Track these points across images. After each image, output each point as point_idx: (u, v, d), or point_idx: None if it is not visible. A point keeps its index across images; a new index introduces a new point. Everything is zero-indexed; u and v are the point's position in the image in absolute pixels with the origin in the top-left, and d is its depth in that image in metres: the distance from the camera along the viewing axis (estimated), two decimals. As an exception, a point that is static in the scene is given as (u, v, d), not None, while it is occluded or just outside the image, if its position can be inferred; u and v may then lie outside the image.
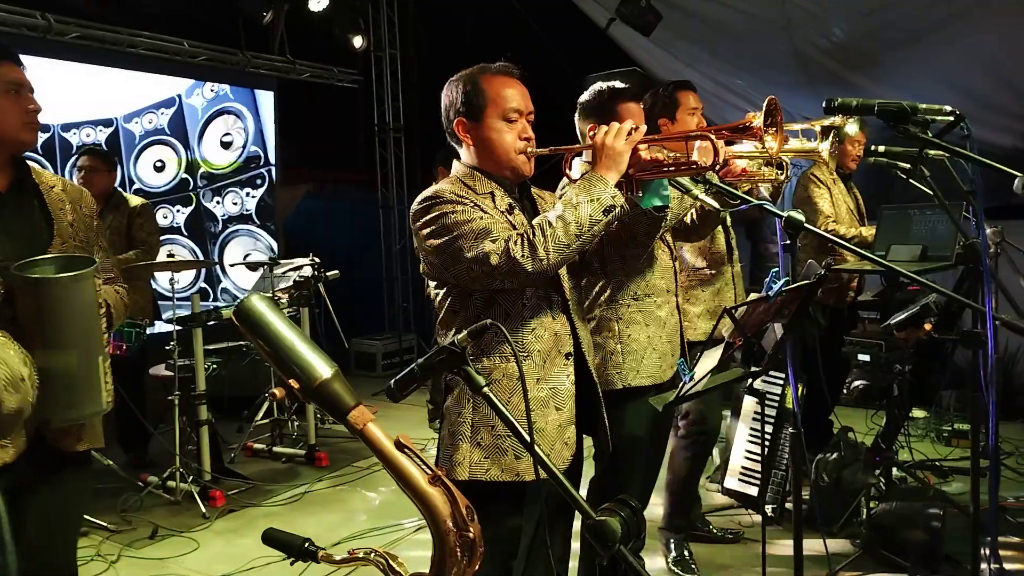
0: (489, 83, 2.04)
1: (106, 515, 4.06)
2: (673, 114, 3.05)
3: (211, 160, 6.68)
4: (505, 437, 1.99)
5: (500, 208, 2.02)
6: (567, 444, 2.07)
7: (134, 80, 6.15)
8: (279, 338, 0.97)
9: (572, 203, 1.89)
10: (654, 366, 2.70)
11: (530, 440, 1.25)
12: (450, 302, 2.06)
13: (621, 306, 2.69)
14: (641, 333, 2.68)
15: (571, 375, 2.07)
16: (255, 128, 6.91)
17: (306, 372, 0.96)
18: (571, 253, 1.91)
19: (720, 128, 2.01)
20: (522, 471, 1.99)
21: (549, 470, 1.27)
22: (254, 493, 4.49)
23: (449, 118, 2.09)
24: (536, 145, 2.08)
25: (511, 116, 2.03)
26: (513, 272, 1.87)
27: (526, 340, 2.01)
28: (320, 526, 4.05)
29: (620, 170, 1.94)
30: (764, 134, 1.90)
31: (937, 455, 4.58)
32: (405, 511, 4.09)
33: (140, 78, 6.17)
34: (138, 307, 4.80)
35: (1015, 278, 3.39)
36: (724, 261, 3.28)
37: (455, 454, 2.01)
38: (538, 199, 2.20)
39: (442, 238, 1.94)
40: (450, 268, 1.97)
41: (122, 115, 6.12)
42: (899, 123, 1.73)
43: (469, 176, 2.07)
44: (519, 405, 1.98)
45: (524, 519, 2.07)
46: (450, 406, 2.06)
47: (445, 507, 0.94)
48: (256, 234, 7.01)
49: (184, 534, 3.94)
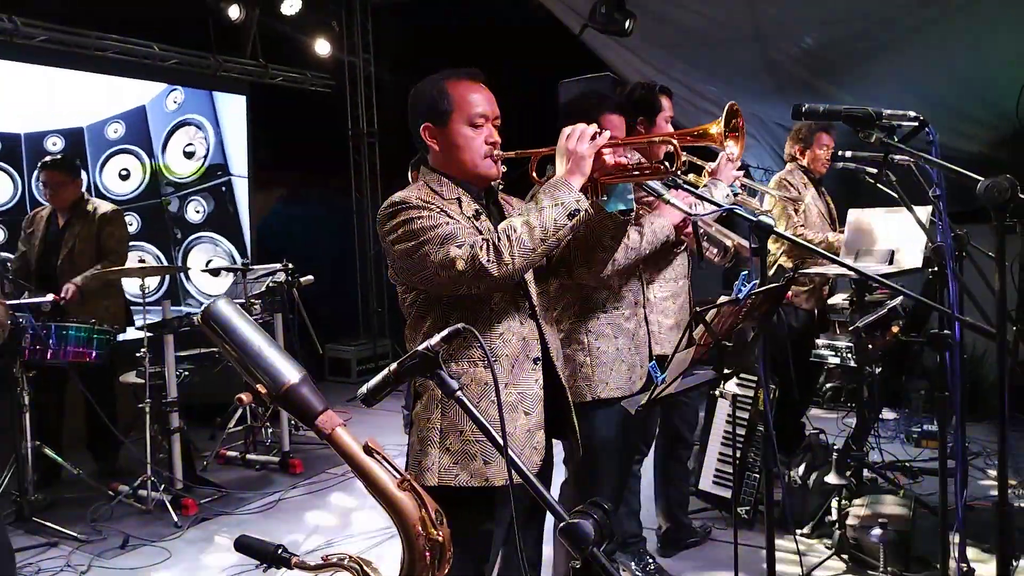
0: (454, 88, 2.05)
1: (76, 525, 4.00)
2: (653, 117, 3.06)
3: (175, 168, 6.69)
4: (474, 442, 1.99)
5: (467, 213, 2.03)
6: (536, 449, 2.08)
7: (99, 89, 6.10)
8: (246, 343, 0.97)
9: (537, 207, 1.90)
10: (623, 378, 2.71)
11: (503, 444, 1.25)
12: (418, 307, 2.06)
13: (590, 319, 2.70)
14: (610, 345, 2.69)
15: (539, 379, 2.08)
16: (215, 139, 6.94)
17: (273, 377, 0.96)
18: (536, 257, 1.92)
19: (683, 132, 2.03)
20: (491, 476, 1.99)
21: (522, 473, 1.27)
22: (227, 501, 4.44)
23: (416, 122, 2.09)
24: (507, 149, 2.09)
25: (477, 121, 2.04)
26: (479, 277, 1.88)
27: (494, 344, 2.02)
28: (294, 533, 4.02)
29: (585, 174, 1.95)
30: (725, 139, 1.92)
31: (907, 456, 4.65)
32: (380, 517, 4.07)
33: (105, 87, 6.13)
34: (111, 313, 4.75)
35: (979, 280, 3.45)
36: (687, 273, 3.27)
37: (424, 460, 2.00)
38: (505, 205, 2.21)
39: (408, 243, 1.95)
40: (416, 273, 1.97)
41: (87, 124, 6.08)
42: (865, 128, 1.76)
43: (436, 181, 2.07)
44: (488, 410, 1.98)
45: (495, 524, 2.07)
46: (419, 412, 2.06)
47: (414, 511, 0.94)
48: (217, 240, 7.04)
49: (156, 543, 3.89)
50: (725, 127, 1.91)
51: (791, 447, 4.03)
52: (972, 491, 4.01)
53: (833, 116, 1.80)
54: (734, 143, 1.92)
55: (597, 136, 1.96)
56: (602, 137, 1.96)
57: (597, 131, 1.97)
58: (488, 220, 2.07)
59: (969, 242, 3.13)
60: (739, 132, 1.93)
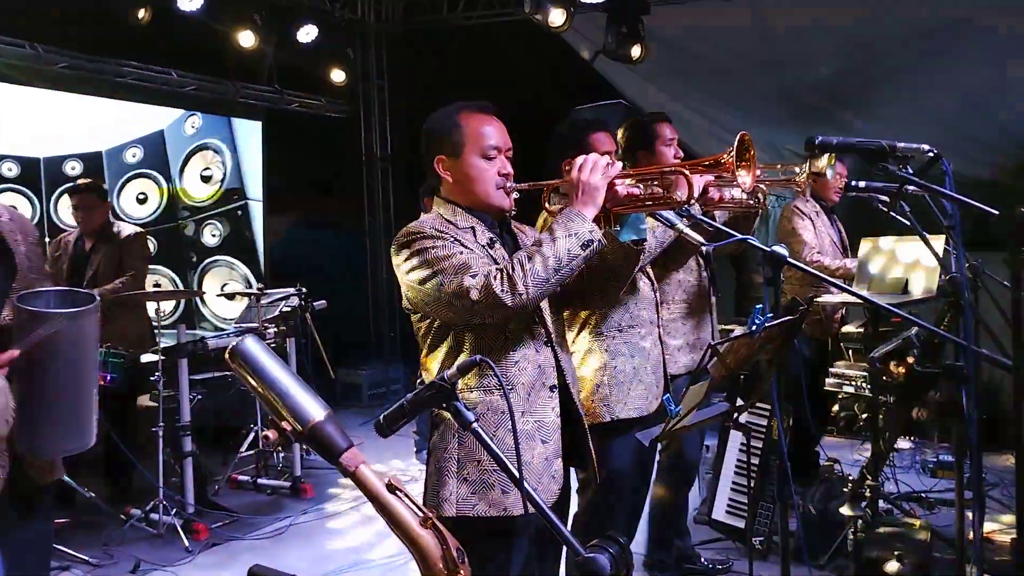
0: (468, 121, 2.07)
1: (88, 548, 4.00)
2: (651, 145, 3.09)
3: (192, 192, 6.75)
4: (491, 472, 1.98)
5: (481, 242, 2.04)
6: (554, 478, 2.07)
7: (118, 114, 6.19)
8: (273, 381, 0.98)
9: (551, 238, 1.91)
10: (640, 398, 2.70)
11: (519, 476, 1.25)
12: (432, 335, 2.07)
13: (607, 338, 2.70)
14: (627, 364, 2.70)
15: (556, 407, 2.08)
16: (232, 163, 7.01)
17: (299, 415, 0.97)
18: (550, 288, 1.93)
19: (695, 163, 2.04)
20: (509, 506, 1.98)
21: (538, 507, 1.27)
22: (238, 526, 4.43)
23: (430, 154, 2.11)
24: (521, 179, 2.11)
25: (490, 153, 2.06)
26: (493, 307, 1.89)
27: (509, 373, 2.02)
28: (305, 560, 4.00)
29: (597, 204, 1.97)
30: (736, 169, 1.93)
31: (923, 486, 4.59)
32: (393, 543, 4.05)
33: (124, 112, 6.22)
34: (135, 335, 4.77)
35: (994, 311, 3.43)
36: (704, 293, 3.29)
37: (442, 490, 2.00)
38: (519, 233, 2.23)
39: (422, 272, 1.96)
40: (430, 303, 1.98)
41: (106, 148, 6.16)
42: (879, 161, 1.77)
43: (450, 211, 2.09)
44: (504, 439, 1.98)
45: (513, 554, 2.06)
46: (436, 442, 2.05)
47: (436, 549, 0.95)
48: (232, 264, 7.08)
49: (167, 568, 3.88)
50: (737, 157, 1.92)
51: (805, 477, 4.00)
52: (990, 523, 3.96)
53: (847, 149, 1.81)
54: (745, 172, 1.93)
55: (610, 167, 1.97)
56: (614, 168, 1.98)
57: (610, 162, 1.99)
58: (502, 249, 2.09)
59: (984, 271, 3.12)
60: (750, 162, 1.94)
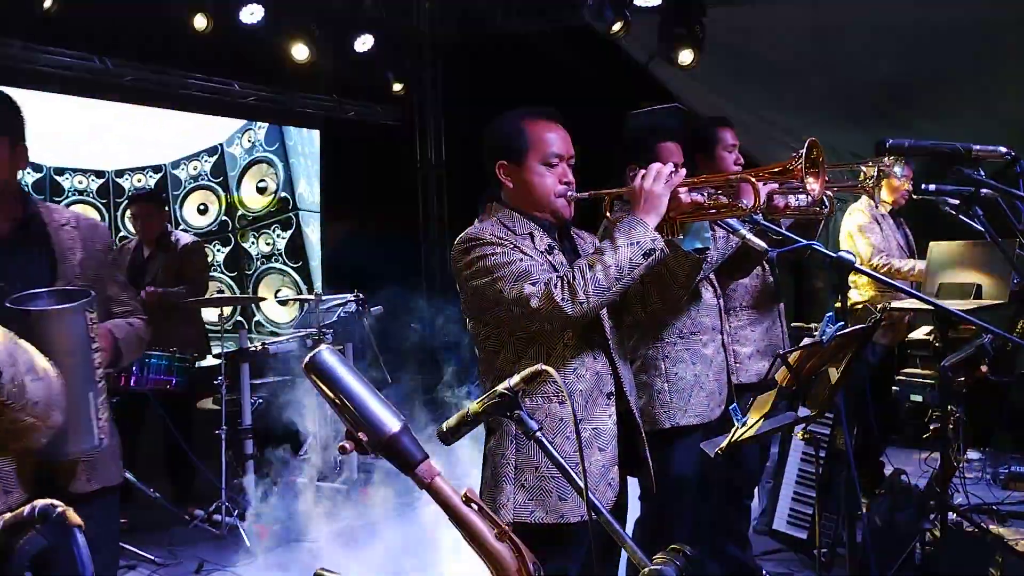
0: (531, 127, 2.08)
1: (154, 548, 4.10)
2: (712, 151, 3.05)
3: (248, 203, 6.95)
4: (549, 478, 1.98)
5: (540, 248, 2.04)
6: (611, 485, 2.06)
7: (180, 127, 6.40)
8: (350, 393, 0.99)
9: (612, 246, 1.90)
10: (702, 405, 2.67)
11: (584, 485, 1.24)
12: (491, 342, 2.07)
13: (667, 344, 2.68)
14: (688, 371, 2.67)
15: (613, 415, 2.07)
16: (285, 175, 7.20)
17: (376, 426, 0.98)
18: (611, 296, 1.91)
19: (761, 170, 2.01)
20: (566, 512, 1.98)
21: (603, 515, 1.26)
22: (299, 527, 4.49)
23: (491, 160, 2.12)
24: (577, 187, 2.10)
25: (552, 160, 2.06)
26: (553, 315, 1.88)
27: (568, 380, 2.01)
28: (366, 562, 4.04)
29: (660, 213, 1.95)
30: (805, 176, 1.89)
31: (994, 498, 4.43)
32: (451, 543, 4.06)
33: (186, 125, 6.42)
34: (189, 340, 4.89)
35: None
36: (771, 299, 3.25)
37: (499, 496, 2.00)
38: (578, 239, 2.22)
39: (482, 279, 1.96)
40: (490, 309, 1.98)
41: (170, 161, 6.36)
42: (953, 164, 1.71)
43: (508, 217, 2.09)
44: (562, 446, 1.98)
45: (568, 562, 2.05)
46: (492, 447, 2.06)
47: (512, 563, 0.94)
48: (285, 271, 7.23)
49: (229, 569, 3.96)
50: (805, 163, 1.88)
51: (870, 488, 3.89)
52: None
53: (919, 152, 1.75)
54: (814, 180, 1.89)
55: (673, 175, 1.95)
56: (678, 176, 1.96)
57: (673, 170, 1.97)
58: (562, 255, 2.08)
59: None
60: (819, 168, 1.89)
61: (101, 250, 2.15)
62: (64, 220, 2.09)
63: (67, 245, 2.07)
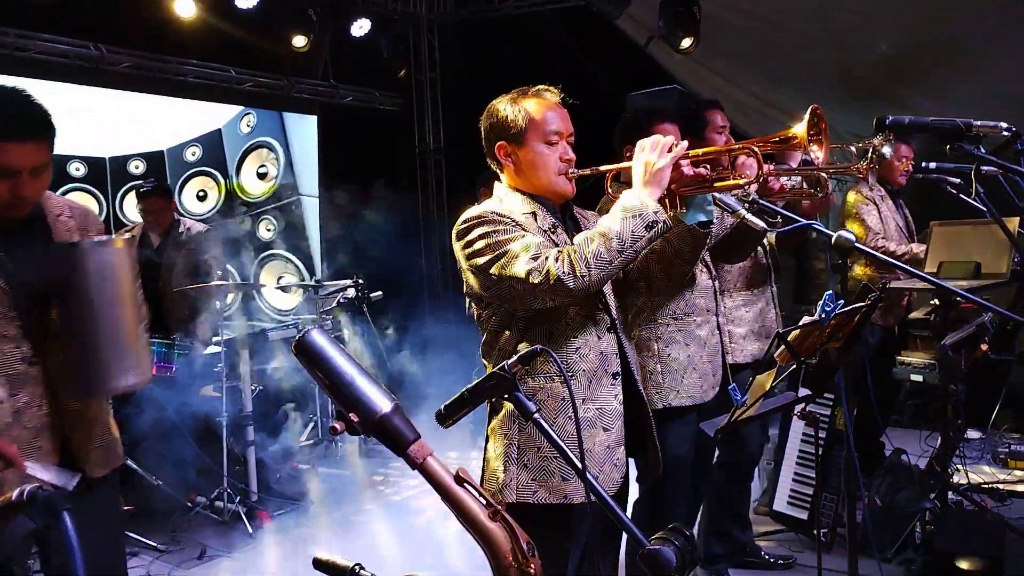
0: (530, 106, 2.06)
1: (156, 535, 4.12)
2: (701, 134, 3.05)
3: (248, 189, 6.91)
4: (552, 459, 1.97)
5: (542, 227, 2.03)
6: (616, 466, 2.05)
7: (178, 113, 6.34)
8: (340, 372, 0.98)
9: (614, 219, 1.89)
10: (694, 386, 2.67)
11: (582, 466, 1.24)
12: (493, 321, 2.06)
13: (660, 326, 2.67)
14: (681, 352, 2.66)
15: (619, 395, 2.05)
16: (285, 160, 7.15)
17: (366, 406, 0.97)
18: (613, 270, 1.90)
19: (764, 140, 1.97)
20: (570, 493, 1.97)
21: (600, 496, 1.26)
22: (300, 513, 4.51)
23: (491, 141, 2.10)
24: (577, 165, 2.08)
25: (552, 139, 2.04)
26: (555, 290, 1.87)
27: (571, 360, 2.00)
28: (368, 548, 4.05)
29: (662, 186, 1.93)
30: (809, 143, 1.86)
31: (994, 477, 4.44)
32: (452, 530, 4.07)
33: (183, 111, 6.37)
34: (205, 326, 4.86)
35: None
36: (766, 281, 3.24)
37: (502, 476, 1.99)
38: (581, 218, 2.20)
39: (483, 257, 1.95)
40: (492, 287, 1.97)
41: (167, 147, 6.33)
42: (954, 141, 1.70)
43: (511, 196, 2.08)
44: (565, 427, 1.97)
45: (573, 541, 2.05)
46: (495, 427, 2.05)
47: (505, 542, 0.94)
48: (287, 257, 7.22)
49: (231, 554, 3.97)
50: (809, 130, 1.85)
51: (870, 468, 3.90)
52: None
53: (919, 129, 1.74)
54: (818, 148, 1.86)
55: (674, 147, 1.93)
56: (679, 148, 1.94)
57: (674, 142, 1.95)
58: (564, 234, 2.07)
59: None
60: (822, 135, 1.86)
61: (95, 236, 2.17)
62: (59, 210, 2.11)
63: (65, 235, 2.08)
